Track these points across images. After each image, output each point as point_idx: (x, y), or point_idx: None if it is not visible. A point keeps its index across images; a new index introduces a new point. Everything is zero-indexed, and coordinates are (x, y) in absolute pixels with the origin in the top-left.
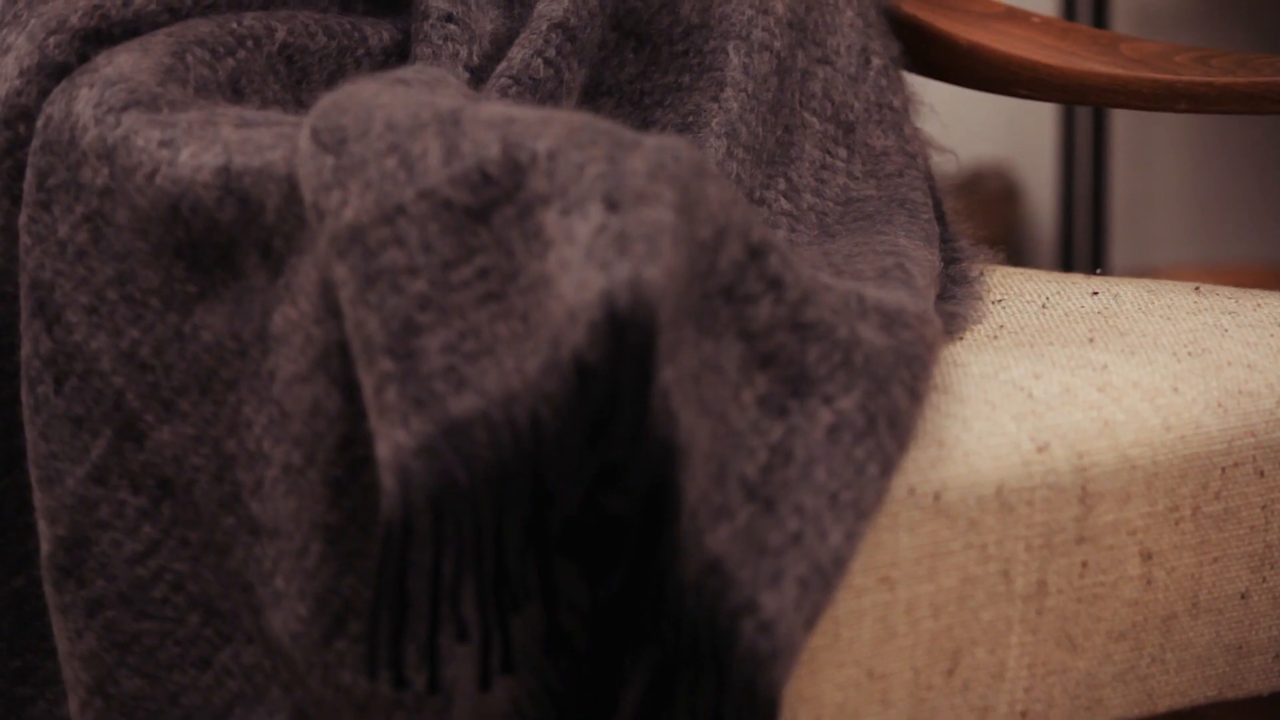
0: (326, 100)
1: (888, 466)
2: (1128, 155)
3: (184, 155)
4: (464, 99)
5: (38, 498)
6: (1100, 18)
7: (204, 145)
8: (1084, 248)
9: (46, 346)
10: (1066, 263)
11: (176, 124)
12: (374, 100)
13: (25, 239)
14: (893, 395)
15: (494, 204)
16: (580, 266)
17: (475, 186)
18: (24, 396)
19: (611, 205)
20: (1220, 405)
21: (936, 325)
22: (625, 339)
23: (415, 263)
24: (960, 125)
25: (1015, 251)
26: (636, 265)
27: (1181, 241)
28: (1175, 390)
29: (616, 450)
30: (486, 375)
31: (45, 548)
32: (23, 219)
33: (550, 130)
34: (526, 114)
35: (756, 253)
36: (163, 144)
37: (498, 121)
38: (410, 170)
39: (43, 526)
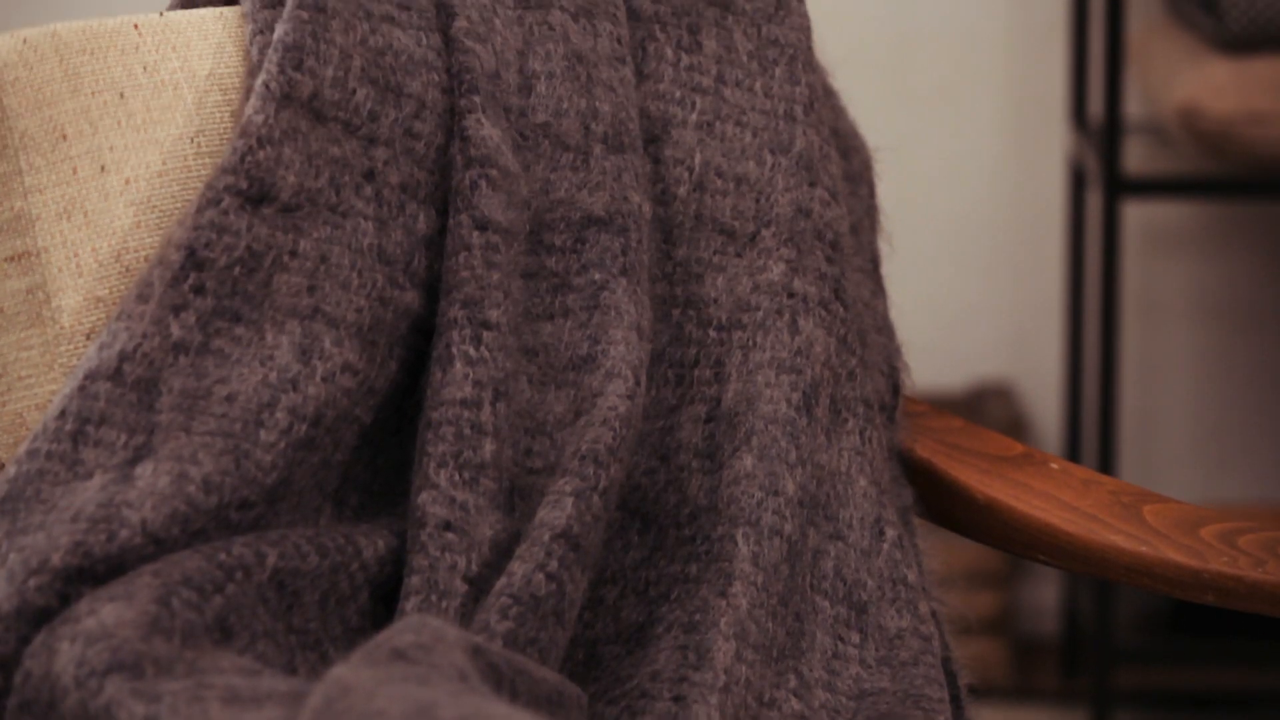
0: (319, 700)
1: None
2: (1137, 381)
3: None
4: (466, 701)
5: None
6: (1111, 232)
7: None
8: None
9: None
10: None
11: (161, 698)
12: (368, 707)
13: None
14: None
15: None
16: None
17: None
18: None
19: None
20: None
21: None
22: None
23: None
24: (965, 347)
25: None
26: None
27: (1188, 476)
28: None
29: None
30: None
31: None
32: None
33: None
34: None
35: None
36: None
37: None
38: None
39: None
